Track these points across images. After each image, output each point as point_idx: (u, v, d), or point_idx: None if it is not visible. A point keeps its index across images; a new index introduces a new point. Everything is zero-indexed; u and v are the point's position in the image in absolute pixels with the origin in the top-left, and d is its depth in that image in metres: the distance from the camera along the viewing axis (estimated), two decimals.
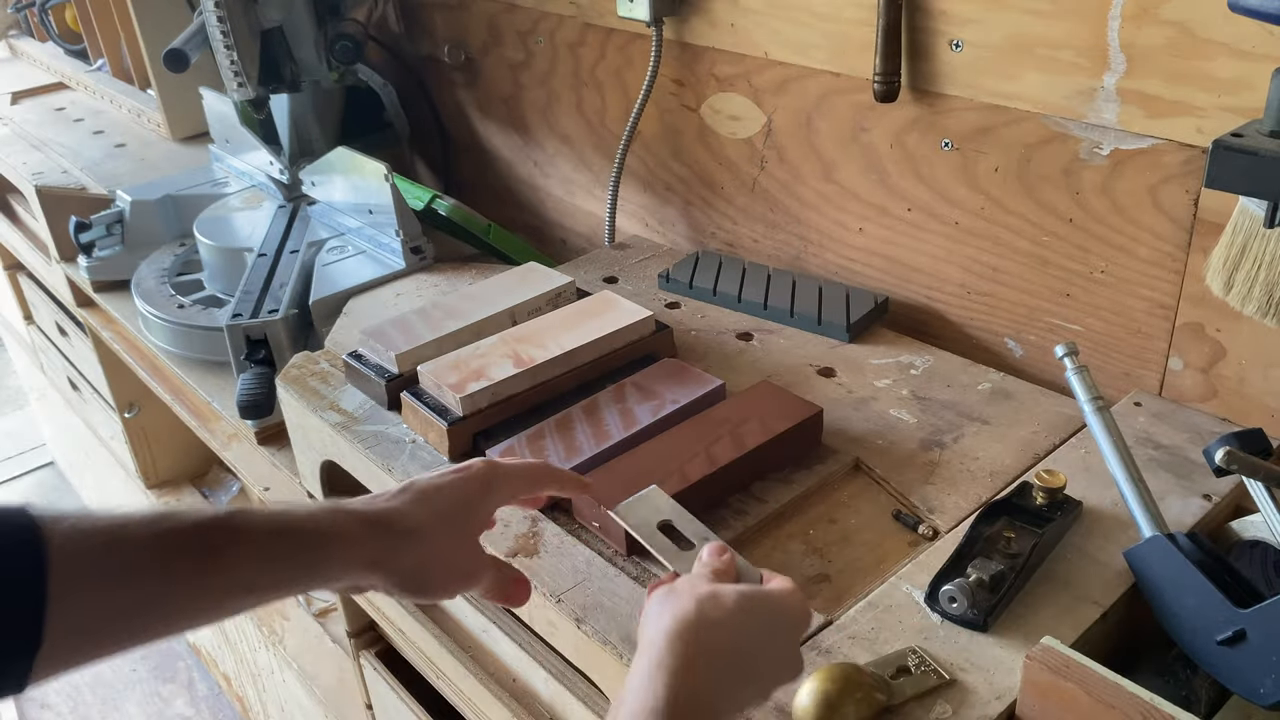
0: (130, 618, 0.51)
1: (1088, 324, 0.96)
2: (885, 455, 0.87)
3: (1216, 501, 0.78)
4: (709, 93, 1.21)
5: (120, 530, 0.50)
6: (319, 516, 0.57)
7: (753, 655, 0.55)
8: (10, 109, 1.99)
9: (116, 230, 1.49)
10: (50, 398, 2.32)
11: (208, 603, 0.54)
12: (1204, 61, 0.79)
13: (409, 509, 0.61)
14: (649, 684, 0.51)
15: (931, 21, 0.96)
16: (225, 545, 0.54)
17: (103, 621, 0.50)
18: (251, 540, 0.55)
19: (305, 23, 1.37)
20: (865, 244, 1.12)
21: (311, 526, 0.57)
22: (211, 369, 1.32)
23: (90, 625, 0.49)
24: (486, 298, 1.06)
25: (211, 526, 0.54)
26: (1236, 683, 0.63)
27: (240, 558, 0.54)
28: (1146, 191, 0.87)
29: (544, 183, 1.54)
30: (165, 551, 0.51)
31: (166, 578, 0.51)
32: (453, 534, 0.62)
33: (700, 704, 0.51)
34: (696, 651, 0.53)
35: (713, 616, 0.54)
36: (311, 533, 0.57)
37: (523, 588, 0.68)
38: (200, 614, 0.55)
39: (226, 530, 0.54)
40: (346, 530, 0.58)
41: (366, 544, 0.58)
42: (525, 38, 1.43)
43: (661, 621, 0.54)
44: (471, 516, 0.64)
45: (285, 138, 1.50)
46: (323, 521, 0.57)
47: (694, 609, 0.54)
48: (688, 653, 0.52)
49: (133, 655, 2.17)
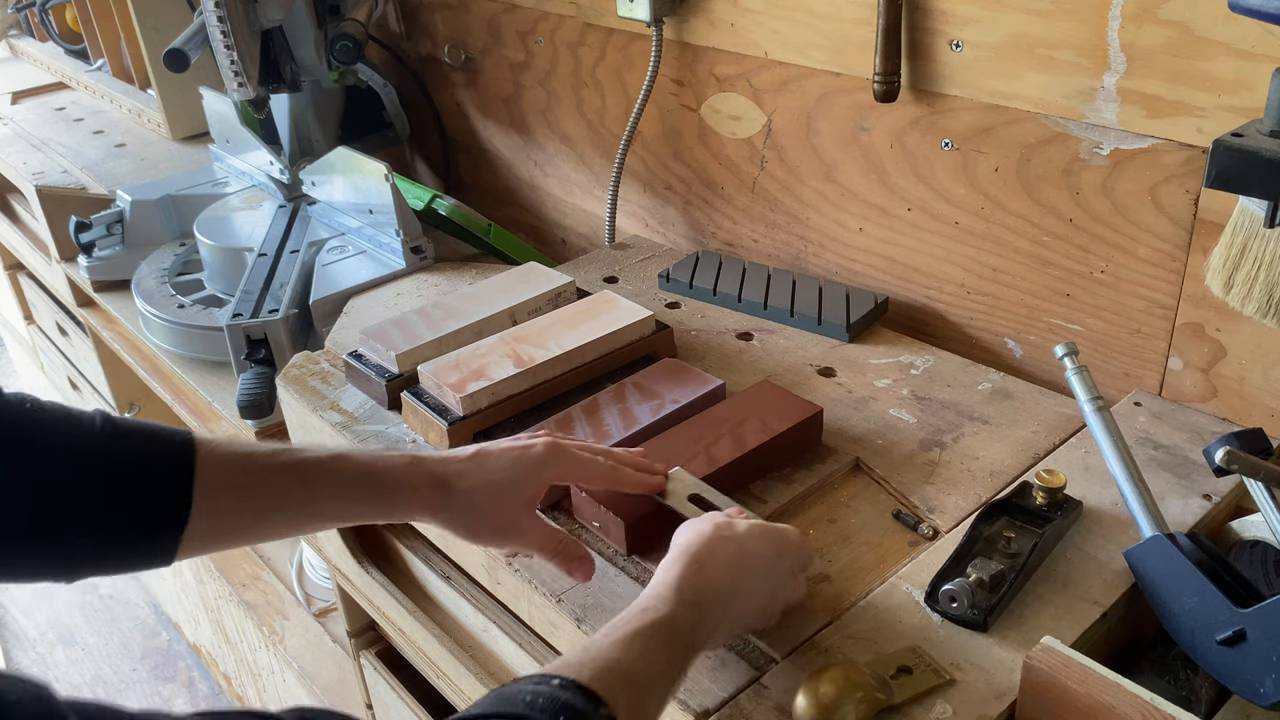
0: (251, 520, 0.68)
1: (1088, 324, 0.96)
2: (885, 455, 0.87)
3: (1216, 501, 0.78)
4: (709, 93, 1.21)
5: (249, 459, 0.67)
6: (397, 468, 0.70)
7: (756, 572, 0.66)
8: (11, 109, 1.99)
9: (117, 230, 1.49)
10: (51, 398, 2.32)
11: (306, 518, 0.69)
12: (1204, 61, 0.79)
13: (467, 469, 0.71)
14: (666, 571, 0.63)
15: (931, 21, 0.96)
16: (320, 481, 0.68)
17: (230, 520, 0.67)
18: (342, 480, 0.69)
19: (305, 23, 1.37)
20: (865, 244, 1.12)
21: (388, 477, 0.70)
22: (212, 369, 1.32)
23: (221, 522, 0.66)
24: (486, 298, 1.06)
25: (313, 465, 0.68)
26: (1237, 683, 0.63)
27: (330, 493, 0.69)
28: (1147, 191, 0.87)
29: (544, 182, 1.54)
30: (277, 478, 0.67)
31: (277, 499, 0.68)
32: (499, 498, 0.71)
33: (707, 593, 0.62)
34: (709, 555, 0.64)
35: (725, 534, 0.66)
36: (388, 481, 0.70)
37: (585, 565, 0.74)
38: (303, 525, 0.71)
39: (324, 470, 0.68)
40: (415, 482, 0.70)
41: (429, 496, 0.70)
42: (525, 38, 1.43)
43: (682, 536, 0.67)
44: (520, 488, 0.72)
45: (285, 137, 1.50)
46: (399, 473, 0.70)
47: (710, 527, 0.67)
48: (700, 555, 0.64)
49: (132, 656, 2.17)
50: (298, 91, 1.45)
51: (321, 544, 1.14)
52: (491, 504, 0.71)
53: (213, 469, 0.65)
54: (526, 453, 0.72)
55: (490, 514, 0.71)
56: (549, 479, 0.73)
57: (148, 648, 2.20)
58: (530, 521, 0.73)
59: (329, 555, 1.14)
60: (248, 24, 1.30)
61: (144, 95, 1.84)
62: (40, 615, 2.32)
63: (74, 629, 2.27)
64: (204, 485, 0.64)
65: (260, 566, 1.61)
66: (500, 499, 0.71)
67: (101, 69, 1.99)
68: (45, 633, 2.28)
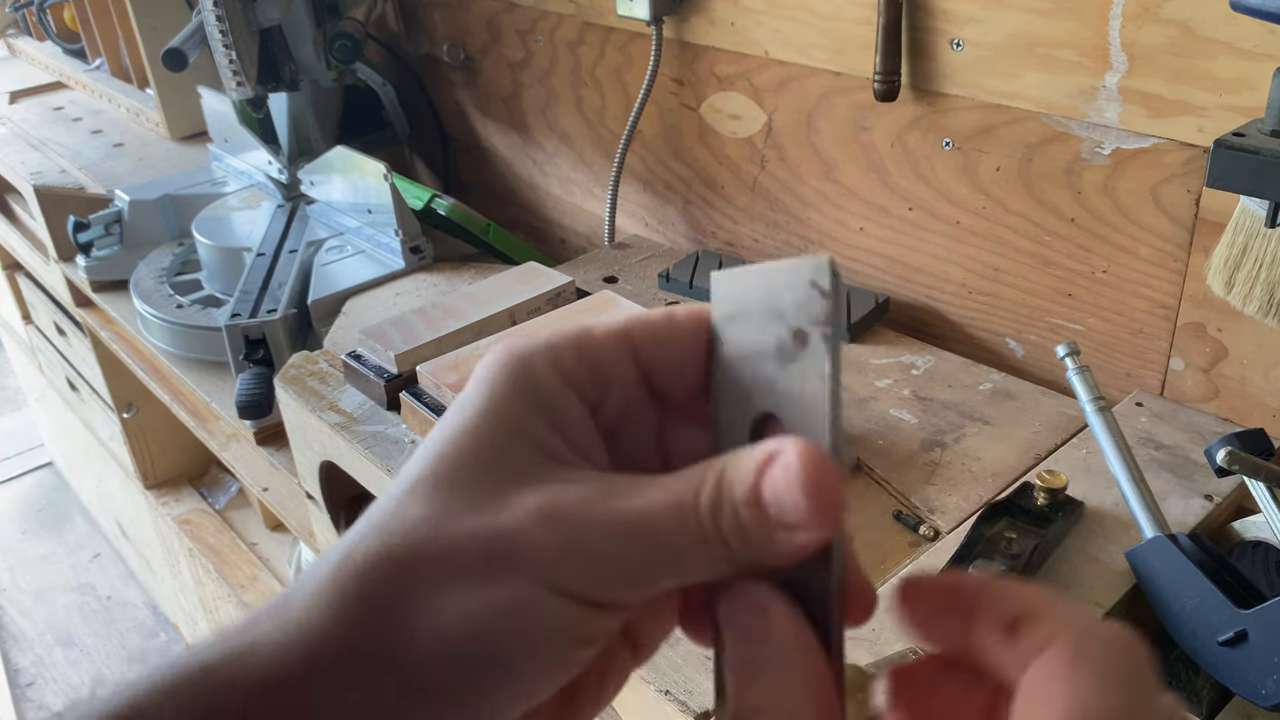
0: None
1: (1089, 324, 0.96)
2: (886, 455, 0.87)
3: (1218, 502, 0.78)
4: (709, 92, 1.21)
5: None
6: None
7: None
8: (8, 108, 1.99)
9: (115, 230, 1.48)
10: (49, 398, 2.32)
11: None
12: (1205, 61, 0.79)
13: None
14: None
15: (932, 20, 0.95)
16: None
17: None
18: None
19: (304, 22, 1.37)
20: (866, 243, 1.12)
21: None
22: (210, 369, 1.32)
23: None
24: (486, 297, 1.06)
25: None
26: (1238, 684, 0.63)
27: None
28: (1148, 191, 0.87)
29: (543, 182, 1.54)
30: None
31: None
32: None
33: None
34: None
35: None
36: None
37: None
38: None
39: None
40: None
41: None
42: (524, 36, 1.43)
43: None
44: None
45: (284, 137, 1.50)
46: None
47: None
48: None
49: (131, 656, 2.17)
50: (296, 91, 1.45)
51: (320, 545, 1.14)
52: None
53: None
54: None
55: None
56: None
57: (146, 649, 2.20)
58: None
59: None
60: (246, 23, 1.30)
61: (142, 94, 1.84)
62: (39, 616, 2.32)
63: (72, 630, 2.27)
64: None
65: (259, 567, 1.60)
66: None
67: (100, 68, 1.98)
68: (44, 634, 2.27)
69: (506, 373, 0.30)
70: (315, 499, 1.08)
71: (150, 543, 2.02)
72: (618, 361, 0.31)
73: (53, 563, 2.48)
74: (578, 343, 0.31)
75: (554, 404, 0.30)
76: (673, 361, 0.32)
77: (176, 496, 1.88)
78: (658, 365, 0.32)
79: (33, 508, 2.67)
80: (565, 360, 0.30)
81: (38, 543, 2.55)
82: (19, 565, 2.49)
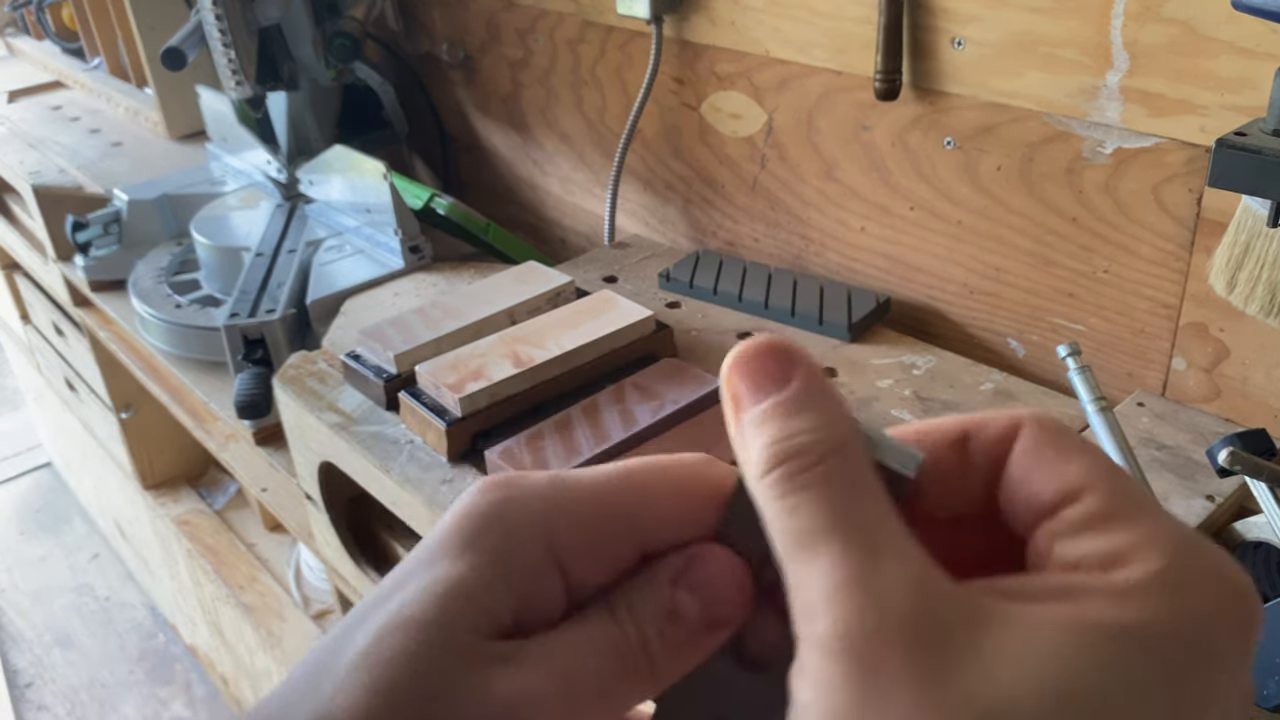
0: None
1: (1091, 324, 0.96)
2: None
3: (1220, 502, 0.77)
4: (709, 91, 1.21)
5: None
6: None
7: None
8: (7, 107, 1.98)
9: (113, 229, 1.48)
10: (47, 398, 2.31)
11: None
12: (1207, 60, 0.78)
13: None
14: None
15: (933, 19, 0.95)
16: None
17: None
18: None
19: (303, 21, 1.36)
20: (867, 243, 1.12)
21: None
22: (209, 369, 1.31)
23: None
24: (485, 297, 1.05)
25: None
26: None
27: None
28: (1149, 190, 0.86)
29: (543, 181, 1.53)
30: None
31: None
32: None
33: None
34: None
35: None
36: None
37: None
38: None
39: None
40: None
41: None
42: (524, 36, 1.42)
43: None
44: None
45: (283, 136, 1.49)
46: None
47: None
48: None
49: (129, 658, 2.17)
50: (295, 90, 1.44)
51: (319, 545, 1.14)
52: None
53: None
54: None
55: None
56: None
57: (145, 649, 2.19)
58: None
59: (326, 557, 1.13)
60: (245, 22, 1.30)
61: (141, 94, 1.84)
62: (37, 617, 2.32)
63: (70, 631, 2.26)
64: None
65: (258, 568, 1.60)
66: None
67: (98, 67, 1.98)
68: (42, 634, 2.27)
69: (479, 531, 0.27)
70: (314, 499, 1.08)
71: (149, 543, 2.02)
72: (620, 539, 0.30)
73: (51, 563, 2.48)
74: (584, 501, 0.29)
75: (526, 583, 0.27)
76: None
77: (175, 497, 1.88)
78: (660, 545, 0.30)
79: (31, 508, 2.67)
80: (559, 529, 0.28)
81: (36, 543, 2.55)
82: (17, 566, 2.48)
